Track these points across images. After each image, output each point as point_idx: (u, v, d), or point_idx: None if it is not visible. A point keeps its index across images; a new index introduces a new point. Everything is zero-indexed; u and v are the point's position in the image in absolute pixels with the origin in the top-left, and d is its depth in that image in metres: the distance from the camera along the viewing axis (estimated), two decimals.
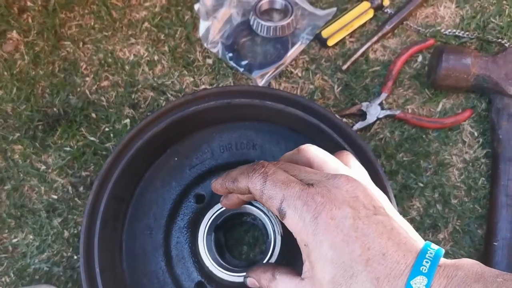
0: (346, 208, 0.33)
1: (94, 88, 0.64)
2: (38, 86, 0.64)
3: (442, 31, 0.65)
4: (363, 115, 0.62)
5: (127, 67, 0.65)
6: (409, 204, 0.60)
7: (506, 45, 0.64)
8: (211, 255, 0.52)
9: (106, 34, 0.66)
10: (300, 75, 0.64)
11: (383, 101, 0.62)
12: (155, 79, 0.64)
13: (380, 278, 0.31)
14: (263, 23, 0.64)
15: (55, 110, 0.63)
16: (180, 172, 0.55)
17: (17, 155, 0.62)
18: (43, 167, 0.61)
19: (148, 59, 0.65)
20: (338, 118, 0.54)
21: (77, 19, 0.67)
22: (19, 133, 0.62)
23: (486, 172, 0.61)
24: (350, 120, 0.63)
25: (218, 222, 0.53)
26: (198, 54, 0.65)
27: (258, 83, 0.62)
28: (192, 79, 0.64)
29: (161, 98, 0.64)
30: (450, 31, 0.65)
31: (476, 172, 0.61)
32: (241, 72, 0.64)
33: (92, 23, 0.67)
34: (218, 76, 0.64)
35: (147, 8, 0.67)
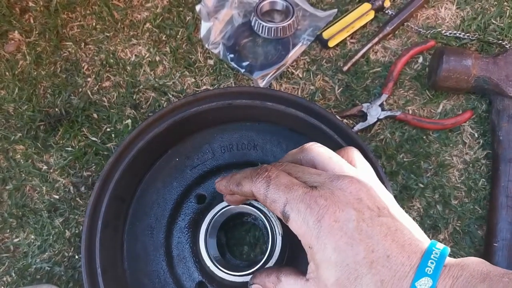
0: (350, 211, 0.33)
1: (95, 88, 0.64)
2: (40, 86, 0.64)
3: (443, 32, 0.65)
4: (363, 116, 0.62)
5: (128, 68, 0.65)
6: (409, 204, 0.60)
7: (506, 46, 0.64)
8: (212, 255, 0.52)
9: (108, 34, 0.66)
10: (301, 76, 0.64)
11: (384, 102, 0.62)
12: (157, 80, 0.64)
13: (384, 280, 0.31)
14: (264, 24, 0.64)
15: (56, 110, 0.63)
16: (181, 173, 0.55)
17: (19, 155, 0.62)
18: (45, 167, 0.62)
19: (149, 59, 0.65)
20: (338, 119, 0.54)
21: (79, 20, 0.67)
22: (21, 133, 0.62)
23: (486, 173, 0.61)
24: (351, 121, 0.63)
25: (219, 222, 0.53)
26: (200, 55, 0.65)
27: (259, 84, 0.62)
28: (193, 80, 0.64)
29: (162, 98, 0.64)
30: (450, 32, 0.65)
31: (476, 173, 0.61)
32: (242, 73, 0.64)
33: (94, 23, 0.67)
34: (219, 77, 0.64)
35: (148, 9, 0.67)
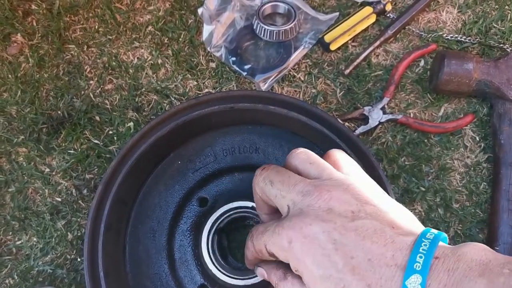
0: (318, 223, 0.32)
1: (98, 91, 0.65)
2: (42, 89, 0.65)
3: (444, 36, 0.66)
4: (365, 119, 0.62)
5: (131, 71, 0.65)
6: (410, 208, 0.60)
7: (508, 50, 0.64)
8: (214, 258, 0.52)
9: (110, 37, 0.66)
10: (302, 79, 0.65)
11: (385, 105, 0.62)
12: (159, 83, 0.65)
13: (371, 284, 0.30)
14: (266, 27, 0.64)
15: (59, 113, 0.63)
16: (183, 176, 0.56)
17: (21, 158, 0.62)
18: (47, 170, 0.62)
19: (151, 62, 0.65)
20: (340, 122, 0.54)
21: (81, 23, 0.67)
22: (24, 135, 0.63)
23: (488, 177, 0.61)
24: (353, 124, 0.63)
25: (221, 225, 0.53)
26: (202, 58, 0.65)
27: (261, 87, 0.63)
28: (195, 83, 0.65)
29: (164, 101, 0.64)
30: (452, 36, 0.65)
31: (477, 177, 0.61)
32: (244, 76, 0.64)
33: (96, 26, 0.67)
34: (221, 80, 0.65)
35: (151, 12, 0.68)
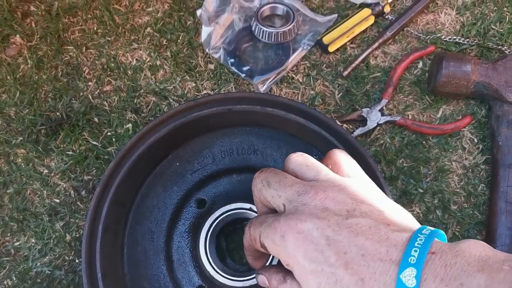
0: (313, 220, 0.33)
1: (96, 92, 0.65)
2: (41, 90, 0.65)
3: (443, 37, 0.66)
4: (363, 121, 0.62)
5: (129, 72, 0.65)
6: (408, 210, 0.60)
7: (506, 52, 0.64)
8: (212, 259, 0.52)
9: (109, 39, 0.67)
10: (301, 81, 0.65)
11: (384, 107, 0.62)
12: (157, 84, 0.65)
13: (365, 278, 0.30)
14: (265, 29, 0.64)
15: (57, 114, 0.64)
16: (181, 177, 0.56)
17: (20, 159, 0.62)
18: (46, 171, 0.62)
19: (150, 64, 0.66)
20: (338, 124, 0.54)
21: (80, 24, 0.67)
22: (22, 137, 0.63)
23: (486, 179, 0.61)
24: (351, 126, 0.63)
25: (219, 226, 0.53)
26: (200, 60, 0.65)
27: (260, 88, 0.63)
28: (194, 84, 0.65)
29: (163, 103, 0.64)
30: (450, 37, 0.66)
31: (475, 178, 0.61)
32: (242, 78, 0.64)
33: (95, 28, 0.67)
34: (219, 82, 0.65)
35: (149, 13, 0.68)
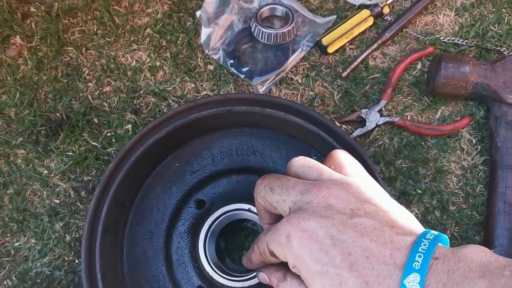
0: (317, 219, 0.33)
1: (96, 93, 0.65)
2: (41, 91, 0.65)
3: (441, 39, 0.66)
4: (362, 122, 0.62)
5: (129, 73, 0.65)
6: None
7: (504, 53, 0.64)
8: (211, 260, 0.52)
9: (109, 40, 0.67)
10: (300, 81, 0.65)
11: (383, 108, 0.62)
12: (157, 85, 0.65)
13: (369, 281, 0.30)
14: (264, 30, 0.64)
15: (57, 115, 0.64)
16: (181, 178, 0.56)
17: (19, 160, 0.62)
18: (46, 172, 0.62)
19: (150, 65, 0.66)
20: (337, 125, 0.54)
21: (80, 25, 0.68)
22: (22, 137, 0.63)
23: (484, 179, 0.61)
24: (350, 126, 0.63)
25: (219, 227, 0.54)
26: (200, 61, 0.66)
27: (259, 89, 0.63)
28: (193, 85, 0.65)
29: (162, 103, 0.64)
30: (449, 39, 0.66)
31: (474, 179, 0.61)
32: (242, 79, 0.64)
33: (95, 29, 0.67)
34: (219, 83, 0.65)
35: (149, 14, 0.68)
